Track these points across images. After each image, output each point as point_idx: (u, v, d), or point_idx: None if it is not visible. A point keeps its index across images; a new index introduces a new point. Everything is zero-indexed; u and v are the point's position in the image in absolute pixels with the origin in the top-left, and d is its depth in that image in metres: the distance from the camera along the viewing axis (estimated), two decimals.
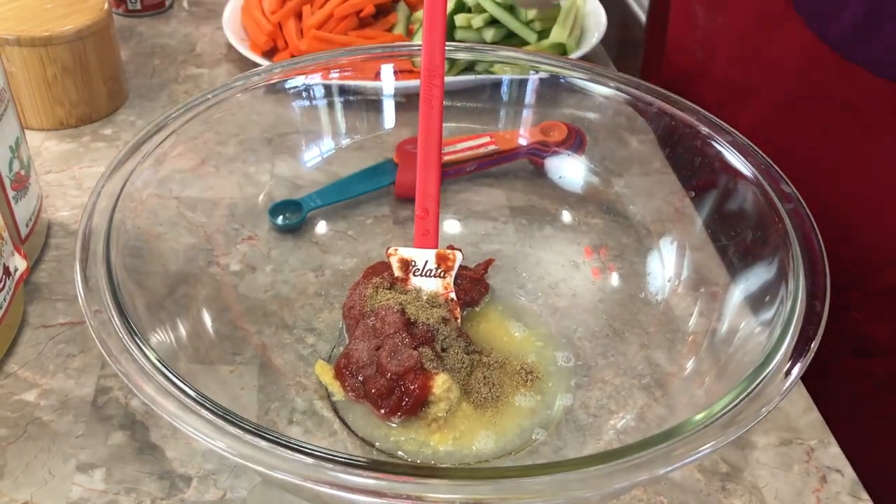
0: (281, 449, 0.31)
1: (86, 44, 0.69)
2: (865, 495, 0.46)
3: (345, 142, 0.60)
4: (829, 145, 0.62)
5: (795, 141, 0.63)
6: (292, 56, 0.79)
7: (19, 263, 0.51)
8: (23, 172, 0.54)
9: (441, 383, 0.44)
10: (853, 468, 0.47)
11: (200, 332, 0.46)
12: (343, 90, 0.57)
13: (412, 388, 0.44)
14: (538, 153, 0.61)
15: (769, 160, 0.46)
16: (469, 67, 0.69)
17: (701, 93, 0.73)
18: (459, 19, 0.80)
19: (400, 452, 0.44)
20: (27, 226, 0.56)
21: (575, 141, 0.59)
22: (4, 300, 0.49)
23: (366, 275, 0.51)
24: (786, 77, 0.63)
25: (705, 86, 0.73)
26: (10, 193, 0.53)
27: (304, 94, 0.56)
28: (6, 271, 0.49)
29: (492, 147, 0.62)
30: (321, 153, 0.60)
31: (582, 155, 0.58)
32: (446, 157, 0.60)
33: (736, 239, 0.47)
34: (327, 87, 0.57)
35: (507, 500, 0.30)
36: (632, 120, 0.54)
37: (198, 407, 0.33)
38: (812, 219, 0.42)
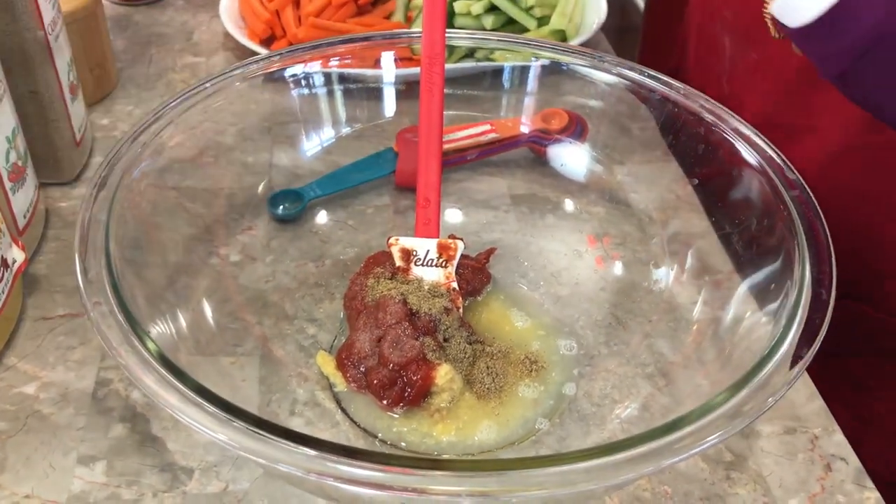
0: (283, 441, 0.31)
1: (71, 31, 0.68)
2: (870, 483, 0.46)
3: (344, 130, 0.59)
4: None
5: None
6: (290, 44, 0.79)
7: (17, 255, 0.51)
8: (20, 163, 0.54)
9: (444, 374, 0.44)
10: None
11: (201, 323, 0.46)
12: (342, 78, 0.57)
13: (415, 378, 0.44)
14: (539, 141, 0.60)
15: (774, 147, 0.45)
16: (469, 55, 0.69)
17: None
18: (459, 6, 0.79)
19: (403, 443, 0.44)
20: (25, 217, 0.55)
21: (576, 128, 0.59)
22: (3, 292, 0.49)
23: (367, 265, 0.50)
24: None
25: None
26: (8, 185, 0.53)
27: (302, 83, 0.56)
28: (4, 263, 0.49)
29: (493, 135, 0.62)
30: (321, 142, 0.59)
31: (584, 142, 0.58)
32: (447, 146, 0.60)
33: (740, 227, 0.46)
34: (326, 76, 0.56)
35: (513, 492, 0.30)
36: (634, 107, 0.53)
37: (199, 399, 0.32)
38: (817, 206, 0.42)
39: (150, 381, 0.33)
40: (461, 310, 0.48)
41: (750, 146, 0.46)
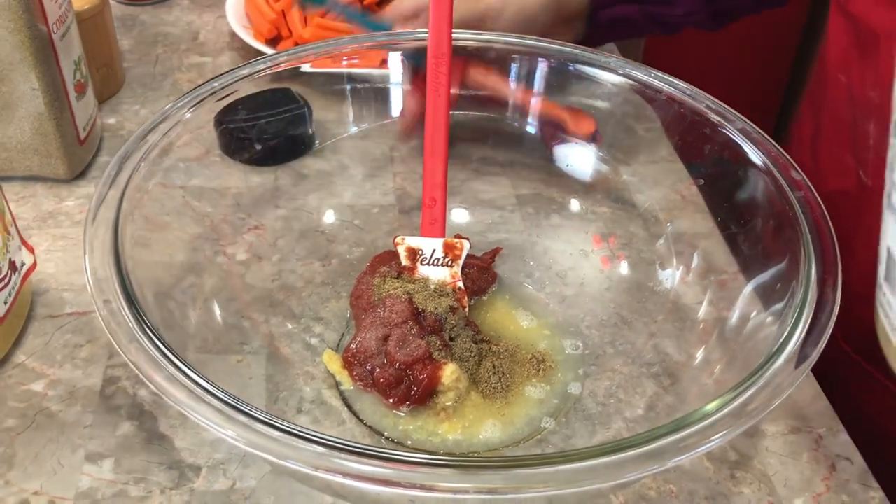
0: (292, 438, 0.31)
1: (78, 30, 0.68)
2: (875, 483, 0.46)
3: (352, 130, 0.59)
4: None
5: None
6: (296, 44, 0.79)
7: (26, 258, 0.51)
8: (83, 81, 0.63)
9: (450, 373, 0.44)
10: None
11: (208, 321, 0.46)
12: (349, 78, 0.57)
13: (421, 377, 0.44)
14: (555, 133, 0.59)
15: (779, 147, 0.45)
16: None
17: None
18: None
19: (408, 441, 0.44)
20: (85, 129, 0.64)
21: (593, 136, 0.58)
22: (11, 295, 0.49)
23: (373, 264, 0.51)
24: None
25: None
26: (73, 95, 0.62)
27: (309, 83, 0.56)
28: (13, 266, 0.49)
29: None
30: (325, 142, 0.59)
31: (592, 144, 0.58)
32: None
33: (745, 227, 0.47)
34: (332, 76, 0.56)
35: (519, 489, 0.30)
36: (640, 108, 0.54)
37: (208, 396, 0.33)
38: (823, 206, 0.42)
39: (160, 379, 0.33)
40: (467, 309, 0.49)
41: (755, 146, 0.46)
